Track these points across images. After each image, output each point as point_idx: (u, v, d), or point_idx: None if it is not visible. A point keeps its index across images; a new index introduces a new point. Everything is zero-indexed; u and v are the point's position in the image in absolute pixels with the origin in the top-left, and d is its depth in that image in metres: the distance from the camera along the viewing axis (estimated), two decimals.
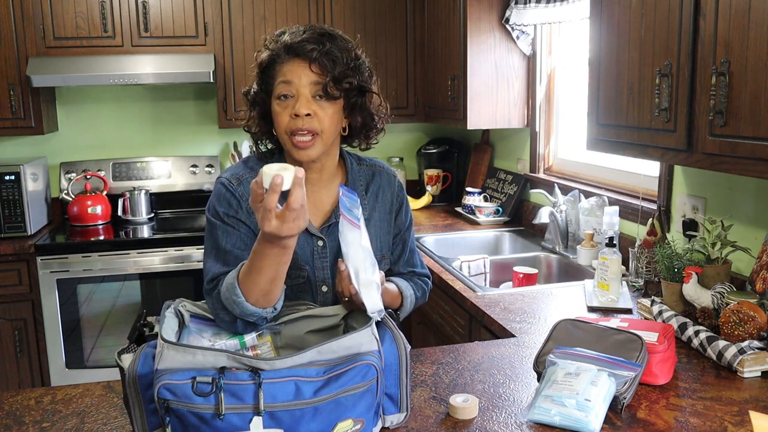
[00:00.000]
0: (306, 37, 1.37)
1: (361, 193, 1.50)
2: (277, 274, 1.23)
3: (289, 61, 1.37)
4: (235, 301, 1.24)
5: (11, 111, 3.17)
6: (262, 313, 1.27)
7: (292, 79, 1.36)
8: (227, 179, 1.44)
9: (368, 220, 1.49)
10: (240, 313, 1.26)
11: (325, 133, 1.38)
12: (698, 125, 1.60)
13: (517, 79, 3.19)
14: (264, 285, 1.23)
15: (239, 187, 1.42)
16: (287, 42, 1.38)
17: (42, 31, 3.18)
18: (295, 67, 1.36)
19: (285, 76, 1.37)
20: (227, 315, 1.29)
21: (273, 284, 1.24)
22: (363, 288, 1.24)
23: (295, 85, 1.36)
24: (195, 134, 3.79)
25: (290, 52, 1.37)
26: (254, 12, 3.40)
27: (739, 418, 1.32)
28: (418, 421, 1.31)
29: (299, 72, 1.36)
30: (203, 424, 1.04)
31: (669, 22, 1.67)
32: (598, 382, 1.30)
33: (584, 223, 2.62)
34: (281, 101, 1.38)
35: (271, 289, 1.24)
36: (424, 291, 1.63)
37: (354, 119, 1.45)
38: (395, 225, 1.57)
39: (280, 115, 1.38)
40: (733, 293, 1.68)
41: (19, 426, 1.32)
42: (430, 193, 3.84)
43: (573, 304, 2.09)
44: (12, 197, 3.09)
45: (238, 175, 1.44)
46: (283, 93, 1.37)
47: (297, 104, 1.35)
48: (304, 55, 1.36)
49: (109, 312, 3.17)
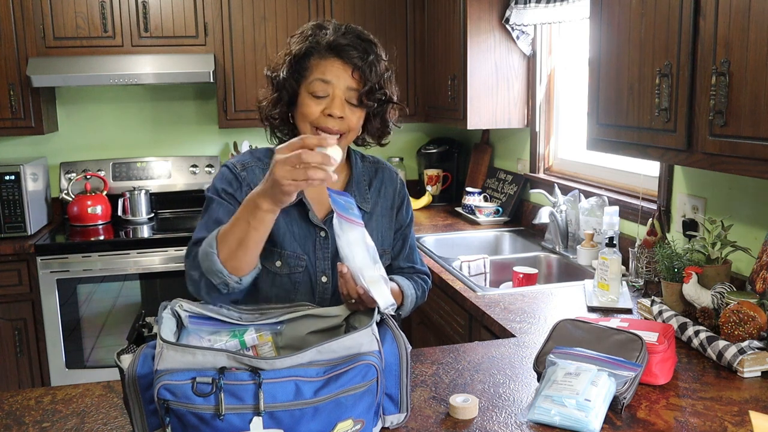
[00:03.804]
0: (351, 42, 1.39)
1: (364, 188, 1.54)
2: (246, 236, 1.24)
3: (330, 60, 1.39)
4: (208, 252, 1.28)
5: (11, 111, 3.17)
6: (225, 276, 1.28)
7: (332, 80, 1.38)
8: (233, 164, 1.49)
9: (370, 214, 1.53)
10: (207, 268, 1.29)
11: (349, 134, 1.43)
12: (698, 125, 1.60)
13: (517, 79, 3.19)
14: (233, 243, 1.26)
15: (243, 172, 1.47)
16: (331, 40, 1.39)
17: (42, 31, 3.18)
18: (336, 68, 1.39)
19: (324, 75, 1.38)
20: (196, 273, 1.32)
21: (240, 247, 1.26)
22: (371, 286, 1.24)
23: (333, 86, 1.39)
24: (195, 134, 3.79)
25: (333, 52, 1.39)
26: (254, 12, 3.40)
27: (739, 418, 1.32)
28: (418, 421, 1.31)
29: (339, 74, 1.39)
30: (203, 424, 1.04)
31: (669, 22, 1.67)
32: (598, 382, 1.30)
33: (584, 223, 2.62)
34: (314, 98, 1.40)
35: (237, 252, 1.26)
36: (424, 290, 1.65)
37: (372, 124, 1.50)
38: (396, 221, 1.60)
39: (310, 108, 1.40)
40: (733, 293, 1.68)
41: (19, 426, 1.32)
42: (430, 193, 3.84)
43: (573, 304, 2.09)
44: (12, 197, 3.09)
45: (244, 162, 1.49)
46: (320, 91, 1.39)
47: (332, 105, 1.38)
48: (348, 59, 1.38)
49: (109, 312, 3.17)
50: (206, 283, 1.32)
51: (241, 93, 3.44)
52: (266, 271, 1.47)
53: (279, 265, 1.47)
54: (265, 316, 1.31)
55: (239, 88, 3.43)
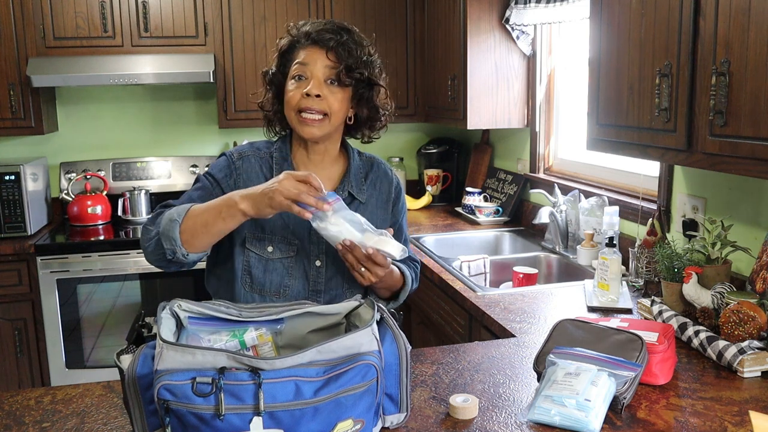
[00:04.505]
0: (326, 28, 1.50)
1: (360, 180, 1.61)
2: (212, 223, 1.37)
3: (307, 47, 1.50)
4: (173, 219, 1.39)
5: (11, 111, 3.17)
6: (176, 245, 1.39)
7: (308, 62, 1.48)
8: (231, 153, 1.58)
9: (365, 204, 1.61)
10: (165, 230, 1.39)
11: (332, 116, 1.50)
12: (698, 125, 1.60)
13: (517, 79, 3.19)
14: (198, 223, 1.38)
15: (239, 161, 1.56)
16: (308, 30, 1.51)
17: (42, 31, 3.18)
18: (312, 52, 1.49)
19: (301, 58, 1.49)
20: (154, 230, 1.43)
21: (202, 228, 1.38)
22: (378, 242, 1.37)
23: (310, 68, 1.48)
24: (195, 134, 3.79)
25: (309, 39, 1.50)
26: (254, 12, 3.40)
27: (739, 418, 1.32)
28: (418, 421, 1.31)
29: (315, 57, 1.48)
30: (203, 424, 1.04)
31: (669, 22, 1.67)
32: (598, 382, 1.30)
33: (584, 223, 2.62)
34: (295, 81, 1.50)
35: (197, 231, 1.38)
36: (417, 274, 1.73)
37: (360, 110, 1.57)
38: (392, 214, 1.67)
39: (291, 92, 1.49)
40: (733, 293, 1.68)
41: (19, 426, 1.32)
42: (430, 193, 3.84)
43: (573, 304, 2.09)
44: (12, 197, 3.09)
45: (241, 151, 1.58)
46: (298, 73, 1.49)
47: (309, 85, 1.47)
48: (322, 43, 1.48)
49: (109, 312, 3.17)
50: (157, 242, 1.42)
51: (241, 93, 3.43)
52: (258, 257, 1.52)
53: (271, 251, 1.53)
54: (264, 313, 1.31)
55: (239, 88, 3.43)
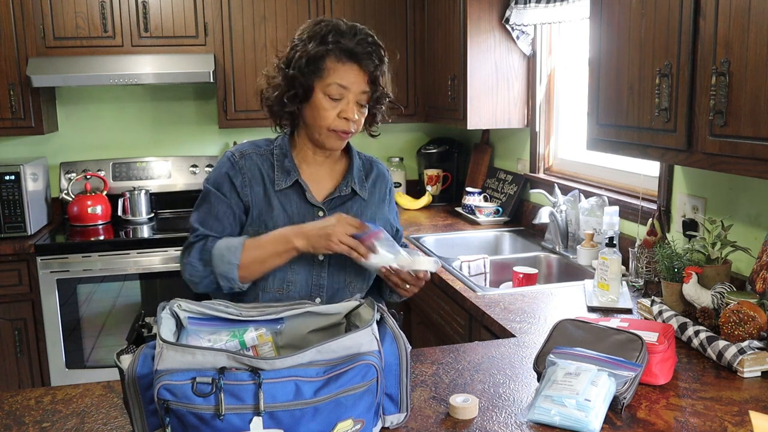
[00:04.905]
0: (367, 50, 1.48)
1: (361, 177, 1.65)
2: (269, 261, 1.46)
3: (348, 66, 1.48)
4: (229, 260, 1.46)
5: (11, 111, 3.17)
6: (235, 284, 1.48)
7: (349, 86, 1.49)
8: (232, 152, 1.59)
9: (367, 201, 1.65)
10: (221, 272, 1.47)
11: (356, 131, 1.57)
12: (698, 125, 1.60)
13: (517, 79, 3.19)
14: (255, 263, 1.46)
15: (241, 160, 1.57)
16: (351, 47, 1.47)
17: (42, 31, 3.18)
18: (353, 74, 1.49)
19: (342, 80, 1.48)
20: (203, 268, 1.49)
21: (259, 267, 1.47)
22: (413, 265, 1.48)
23: (350, 90, 1.49)
24: (195, 134, 3.79)
25: (352, 59, 1.48)
26: (254, 12, 3.40)
27: (739, 418, 1.32)
28: (418, 421, 1.31)
29: (356, 80, 1.49)
30: (203, 424, 1.04)
31: (669, 22, 1.67)
32: (598, 382, 1.30)
33: (584, 223, 2.62)
34: (332, 100, 1.50)
35: (254, 269, 1.47)
36: None
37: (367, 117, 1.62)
38: (388, 210, 1.73)
39: (327, 112, 1.50)
40: (733, 293, 1.68)
41: (19, 426, 1.32)
42: (430, 193, 3.84)
43: (573, 304, 2.09)
44: (12, 197, 3.09)
45: (243, 150, 1.59)
46: (336, 95, 1.49)
47: (347, 109, 1.50)
48: (365, 67, 1.49)
49: (109, 312, 3.17)
50: (212, 280, 1.49)
51: (241, 93, 3.44)
52: None
53: None
54: (264, 313, 1.31)
55: (239, 88, 3.43)
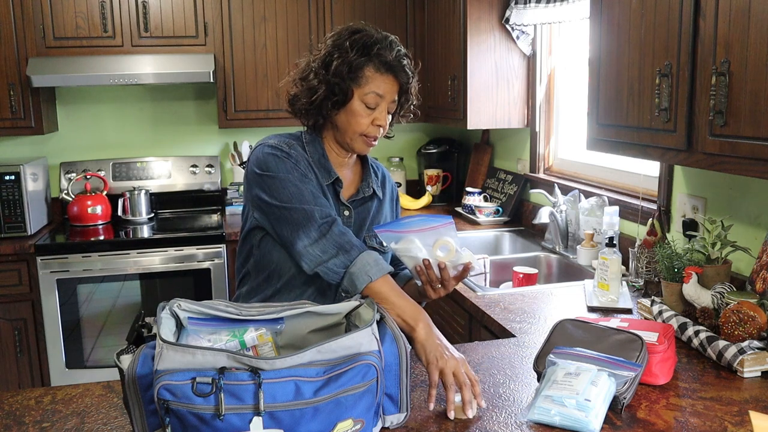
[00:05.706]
0: (404, 64, 1.56)
1: (376, 179, 1.70)
2: (387, 305, 1.41)
3: (386, 77, 1.54)
4: (369, 273, 1.43)
5: (11, 111, 3.17)
6: (354, 292, 1.44)
7: (385, 95, 1.55)
8: (274, 144, 1.55)
9: (382, 201, 1.70)
10: (350, 277, 1.44)
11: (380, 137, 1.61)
12: (698, 125, 1.60)
13: (517, 79, 3.19)
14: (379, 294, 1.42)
15: (290, 149, 1.55)
16: (391, 59, 1.53)
17: (42, 31, 3.18)
18: (389, 84, 1.55)
19: (380, 89, 1.54)
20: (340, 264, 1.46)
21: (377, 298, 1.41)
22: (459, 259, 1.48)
23: (384, 99, 1.55)
24: (195, 134, 3.79)
25: (391, 71, 1.54)
26: (254, 12, 3.40)
27: (739, 418, 1.32)
28: (418, 421, 1.31)
29: (391, 90, 1.55)
30: (203, 424, 1.04)
31: (669, 22, 1.67)
32: (598, 382, 1.30)
33: (584, 223, 2.62)
34: (367, 108, 1.54)
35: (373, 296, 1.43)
36: None
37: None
38: (396, 210, 1.79)
39: (363, 119, 1.55)
40: (733, 293, 1.68)
41: (19, 426, 1.32)
42: (430, 193, 3.84)
43: (573, 304, 2.09)
44: (12, 197, 3.09)
45: (284, 141, 1.57)
46: (372, 104, 1.54)
47: (380, 117, 1.55)
48: (400, 79, 1.56)
49: (109, 312, 3.17)
50: (337, 272, 1.46)
51: (241, 93, 3.44)
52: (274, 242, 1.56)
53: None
54: (264, 312, 1.31)
55: (239, 88, 3.43)
